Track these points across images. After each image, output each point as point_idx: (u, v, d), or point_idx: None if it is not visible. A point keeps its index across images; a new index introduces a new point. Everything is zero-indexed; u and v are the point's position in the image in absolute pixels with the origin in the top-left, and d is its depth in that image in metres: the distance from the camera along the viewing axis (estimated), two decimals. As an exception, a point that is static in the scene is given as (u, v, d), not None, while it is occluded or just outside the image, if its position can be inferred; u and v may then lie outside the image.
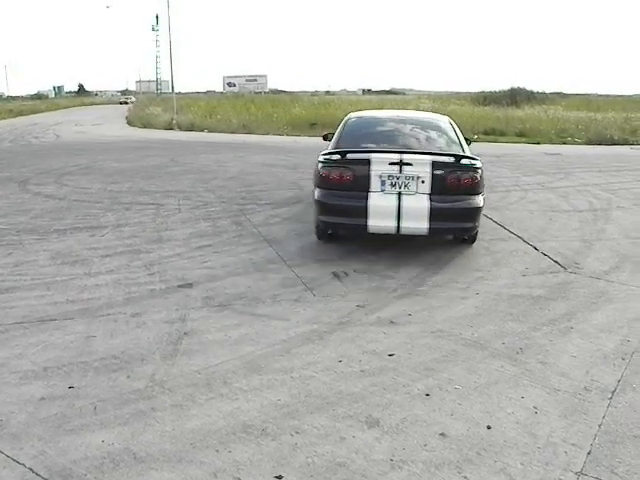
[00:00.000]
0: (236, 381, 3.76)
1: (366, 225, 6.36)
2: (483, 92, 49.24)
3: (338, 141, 7.22)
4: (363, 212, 6.31)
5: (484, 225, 8.01)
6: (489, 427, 3.25)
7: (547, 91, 52.30)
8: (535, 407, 3.46)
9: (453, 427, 3.26)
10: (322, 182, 6.61)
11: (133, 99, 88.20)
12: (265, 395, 3.59)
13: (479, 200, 6.48)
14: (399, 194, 6.32)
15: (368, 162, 6.36)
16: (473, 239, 7.04)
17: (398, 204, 6.31)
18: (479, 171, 6.45)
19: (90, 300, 5.22)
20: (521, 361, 4.05)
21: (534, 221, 8.38)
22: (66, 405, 3.49)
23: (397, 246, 6.89)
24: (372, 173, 6.33)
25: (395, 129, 7.69)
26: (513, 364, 4.01)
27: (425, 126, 7.88)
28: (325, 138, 9.02)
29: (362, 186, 6.36)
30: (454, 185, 6.36)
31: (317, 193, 6.68)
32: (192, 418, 3.34)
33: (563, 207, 9.43)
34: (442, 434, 3.19)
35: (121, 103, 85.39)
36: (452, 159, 6.49)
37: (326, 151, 6.82)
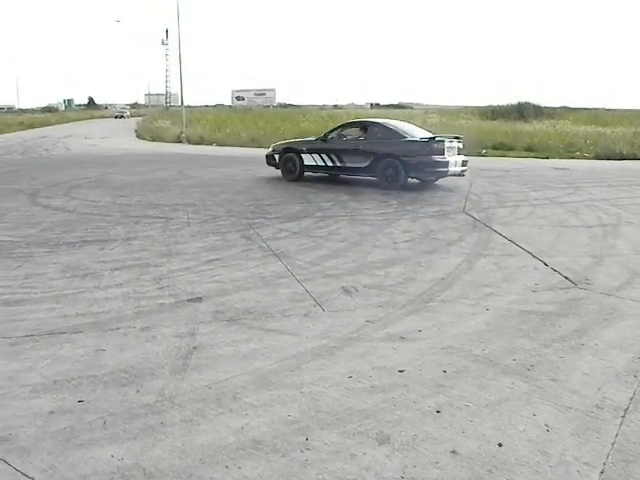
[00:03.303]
0: (246, 396, 3.75)
1: (448, 170, 12.60)
2: (491, 106, 49.23)
3: (403, 133, 13.22)
4: (447, 164, 12.49)
5: (493, 240, 8.00)
6: (500, 445, 3.22)
7: (555, 105, 52.33)
8: (547, 425, 3.42)
9: (464, 444, 3.23)
10: (425, 151, 12.44)
11: (128, 113, 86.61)
12: (275, 411, 3.58)
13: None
14: (451, 155, 12.67)
15: (443, 141, 12.65)
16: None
17: (455, 159, 12.75)
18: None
19: (100, 313, 5.22)
20: (532, 378, 4.02)
21: (543, 236, 8.35)
22: (75, 419, 3.48)
23: (406, 262, 6.89)
24: (445, 146, 12.57)
25: (413, 127, 14.35)
26: (524, 381, 3.98)
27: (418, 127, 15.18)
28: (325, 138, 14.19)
29: (442, 153, 12.48)
30: (461, 149, 13.20)
31: (422, 158, 12.46)
32: (202, 433, 3.33)
33: (572, 222, 9.40)
34: (453, 451, 3.16)
35: (116, 117, 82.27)
36: (459, 137, 13.42)
37: (422, 136, 13.16)
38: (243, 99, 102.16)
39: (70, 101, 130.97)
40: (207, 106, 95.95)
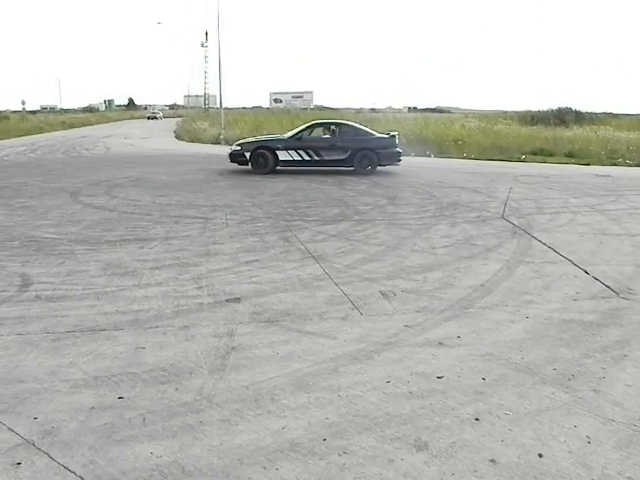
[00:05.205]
0: (284, 398, 3.76)
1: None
2: (530, 111, 48.54)
3: (371, 131, 17.02)
4: (401, 154, 16.58)
5: (533, 247, 7.89)
6: (540, 455, 3.18)
7: (596, 111, 51.34)
8: (588, 437, 3.36)
9: (503, 453, 3.19)
10: (393, 145, 16.42)
11: (161, 114, 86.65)
12: (313, 413, 3.58)
13: None
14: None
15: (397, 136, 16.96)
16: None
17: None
18: None
19: (139, 311, 5.30)
20: (573, 388, 3.96)
21: (584, 244, 8.20)
22: (116, 415, 3.54)
23: (445, 267, 6.84)
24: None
25: (368, 128, 17.88)
26: (565, 391, 3.92)
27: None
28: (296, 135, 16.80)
29: (398, 145, 16.62)
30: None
31: (391, 150, 16.31)
32: (239, 434, 3.35)
33: (614, 231, 9.21)
34: (492, 460, 3.13)
35: (149, 118, 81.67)
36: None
37: (385, 134, 17.04)
38: (281, 101, 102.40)
39: (110, 101, 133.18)
40: (245, 108, 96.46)
